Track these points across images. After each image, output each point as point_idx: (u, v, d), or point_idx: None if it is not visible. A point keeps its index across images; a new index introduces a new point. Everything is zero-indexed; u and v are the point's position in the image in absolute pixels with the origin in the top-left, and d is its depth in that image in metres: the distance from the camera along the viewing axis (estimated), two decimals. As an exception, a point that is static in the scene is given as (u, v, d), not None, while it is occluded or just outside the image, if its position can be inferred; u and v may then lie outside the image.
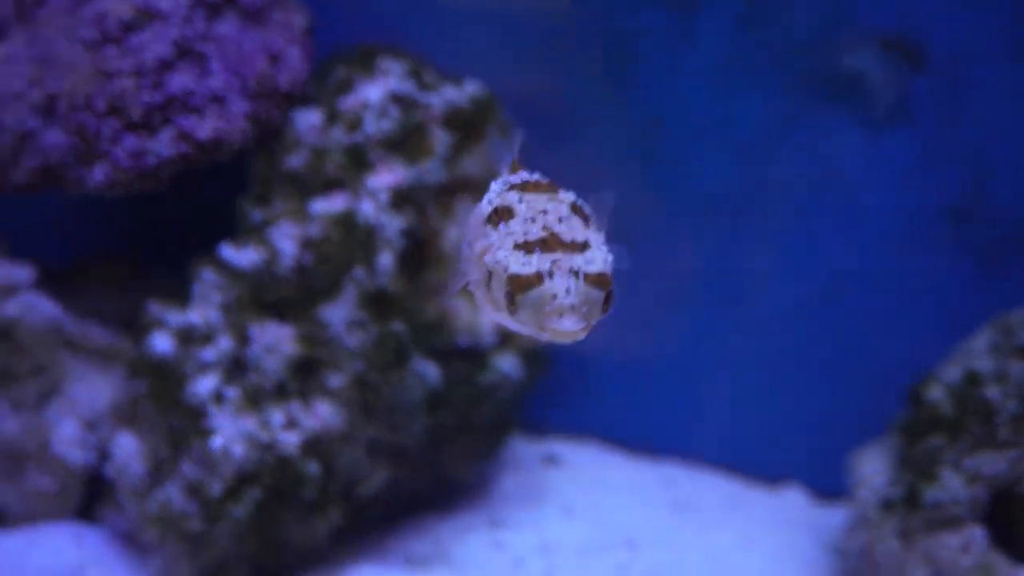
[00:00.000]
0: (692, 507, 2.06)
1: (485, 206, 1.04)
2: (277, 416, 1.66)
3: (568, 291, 0.87)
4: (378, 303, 1.71)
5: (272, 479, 1.64)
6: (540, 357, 1.96)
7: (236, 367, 1.70)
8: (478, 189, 1.75)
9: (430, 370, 1.75)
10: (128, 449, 1.73)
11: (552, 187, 1.02)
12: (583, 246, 0.92)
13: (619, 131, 2.17)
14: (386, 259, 1.70)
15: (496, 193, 1.04)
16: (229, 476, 1.60)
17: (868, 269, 2.06)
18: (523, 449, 2.25)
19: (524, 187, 1.03)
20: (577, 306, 0.87)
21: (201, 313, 1.72)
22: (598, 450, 2.29)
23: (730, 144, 2.07)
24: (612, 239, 1.14)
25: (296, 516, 1.70)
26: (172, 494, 1.61)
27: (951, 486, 1.58)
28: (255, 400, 1.67)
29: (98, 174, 1.71)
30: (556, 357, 2.11)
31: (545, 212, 0.97)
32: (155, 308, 1.74)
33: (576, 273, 0.87)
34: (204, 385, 1.66)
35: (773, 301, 2.14)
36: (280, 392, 1.69)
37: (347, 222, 1.71)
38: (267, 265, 1.74)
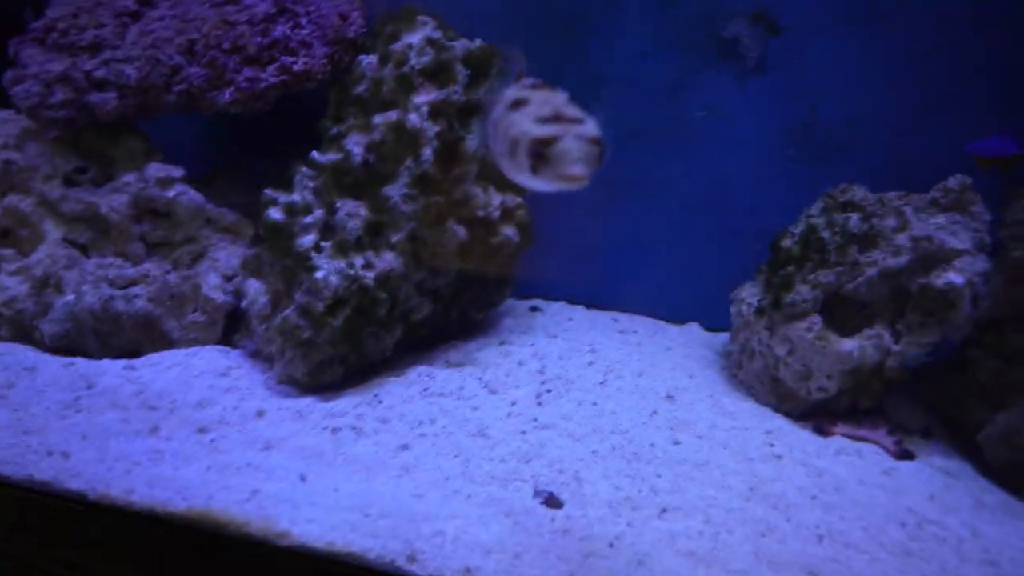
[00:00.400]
0: (631, 333, 2.10)
1: (506, 101, 1.01)
2: (359, 260, 1.63)
3: (577, 147, 0.89)
4: (423, 183, 1.68)
5: (357, 301, 1.61)
6: (529, 229, 1.94)
7: (327, 228, 1.66)
8: (482, 108, 1.74)
9: (460, 229, 1.73)
10: (256, 288, 1.72)
11: (552, 86, 1.02)
12: (581, 120, 0.92)
13: (568, 86, 2.14)
14: (427, 152, 1.66)
15: (513, 94, 1.02)
16: (328, 298, 1.57)
17: (743, 173, 2.06)
18: (516, 304, 2.25)
19: (533, 87, 1.02)
20: (583, 157, 0.90)
21: (300, 195, 1.68)
22: (565, 305, 2.31)
23: (649, 90, 2.06)
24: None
25: (373, 330, 1.67)
26: (288, 315, 1.60)
27: (801, 291, 1.62)
28: (343, 249, 1.64)
29: (226, 95, 1.68)
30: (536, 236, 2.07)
31: (549, 101, 0.96)
32: (269, 192, 1.69)
33: (580, 136, 0.89)
34: (307, 240, 1.63)
35: (680, 197, 2.14)
36: (359, 245, 1.65)
37: (399, 128, 1.67)
38: (344, 161, 1.70)
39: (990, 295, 1.49)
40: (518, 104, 0.99)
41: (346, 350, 1.64)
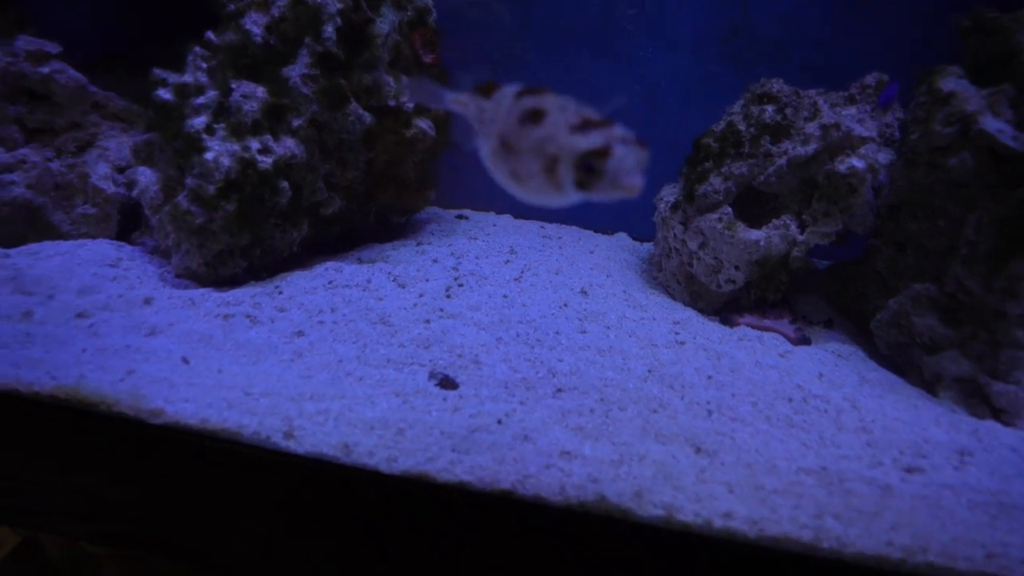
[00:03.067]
0: (555, 238, 2.01)
1: (507, 115, 0.82)
2: (254, 143, 1.46)
3: (630, 154, 0.70)
4: (325, 62, 1.51)
5: (253, 187, 1.45)
6: (446, 126, 1.78)
7: (222, 111, 1.47)
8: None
9: (365, 115, 1.56)
10: (148, 176, 1.53)
11: (546, 88, 0.81)
12: (611, 122, 0.74)
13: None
14: (329, 29, 1.49)
15: (503, 104, 0.83)
16: (220, 180, 1.41)
17: (676, 77, 1.96)
18: (442, 212, 2.14)
19: (531, 91, 0.82)
20: (638, 163, 0.71)
21: (192, 75, 1.49)
22: (493, 215, 2.19)
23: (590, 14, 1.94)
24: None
25: (274, 223, 1.52)
26: (180, 200, 1.44)
27: (714, 182, 1.54)
28: (238, 132, 1.46)
29: None
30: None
31: (564, 106, 0.77)
32: (159, 71, 1.49)
33: (625, 140, 0.71)
34: (198, 121, 1.44)
35: (612, 104, 2.02)
36: (256, 128, 1.47)
37: (298, 4, 1.48)
38: (242, 42, 1.50)
39: (891, 183, 1.42)
40: (535, 116, 0.79)
41: (247, 241, 1.49)
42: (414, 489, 1.02)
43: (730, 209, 1.52)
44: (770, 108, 1.51)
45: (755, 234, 1.48)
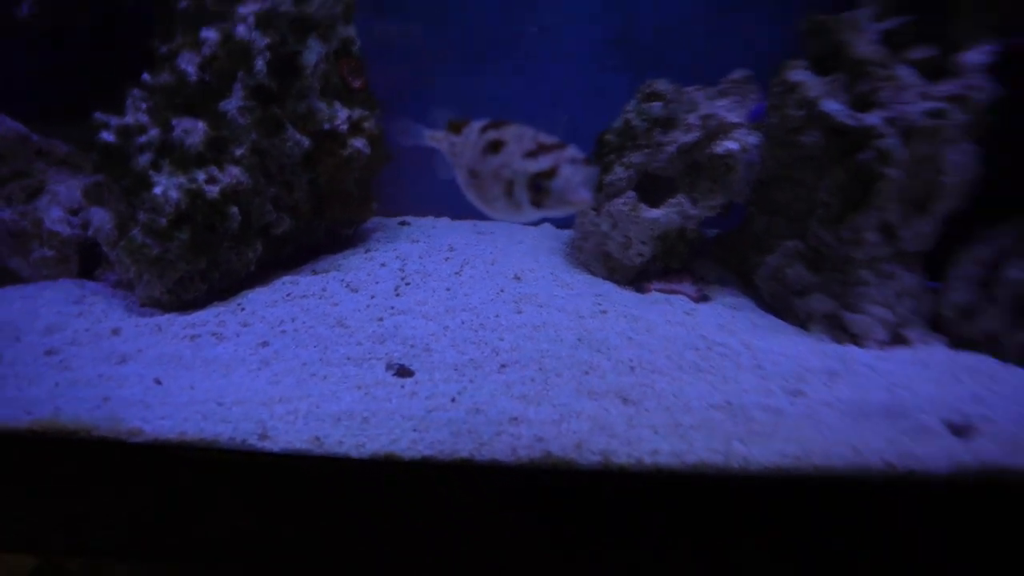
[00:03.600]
0: (488, 233, 2.02)
1: (473, 148, 0.84)
2: (200, 175, 1.41)
3: (576, 172, 0.73)
4: (259, 94, 1.46)
5: (203, 216, 1.41)
6: (380, 142, 1.75)
7: (165, 147, 1.41)
8: (321, 25, 1.50)
9: (304, 139, 1.53)
10: (101, 216, 1.45)
11: (507, 121, 0.84)
12: (564, 144, 0.77)
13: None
14: (260, 63, 1.44)
15: (470, 138, 0.86)
16: (171, 213, 1.37)
17: (577, 84, 1.99)
18: (386, 221, 2.11)
19: (494, 125, 0.85)
20: (584, 179, 0.74)
21: (133, 116, 1.42)
22: (433, 219, 2.18)
23: (489, 12, 1.93)
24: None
25: (229, 246, 1.47)
26: (135, 234, 1.38)
27: (617, 172, 1.60)
28: (183, 165, 1.40)
29: (24, 8, 1.37)
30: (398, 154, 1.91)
31: (521, 135, 0.79)
32: (99, 115, 1.41)
33: (573, 160, 0.74)
34: (144, 159, 1.38)
35: (522, 112, 1.88)
36: (200, 160, 1.42)
37: (228, 40, 1.43)
38: (177, 82, 1.43)
39: (761, 161, 1.50)
40: (495, 147, 0.81)
41: (204, 265, 1.44)
42: (383, 469, 1.02)
43: (633, 194, 1.58)
44: (657, 104, 1.57)
45: (655, 213, 1.55)
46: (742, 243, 1.63)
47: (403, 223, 2.10)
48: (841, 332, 1.40)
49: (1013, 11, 1.18)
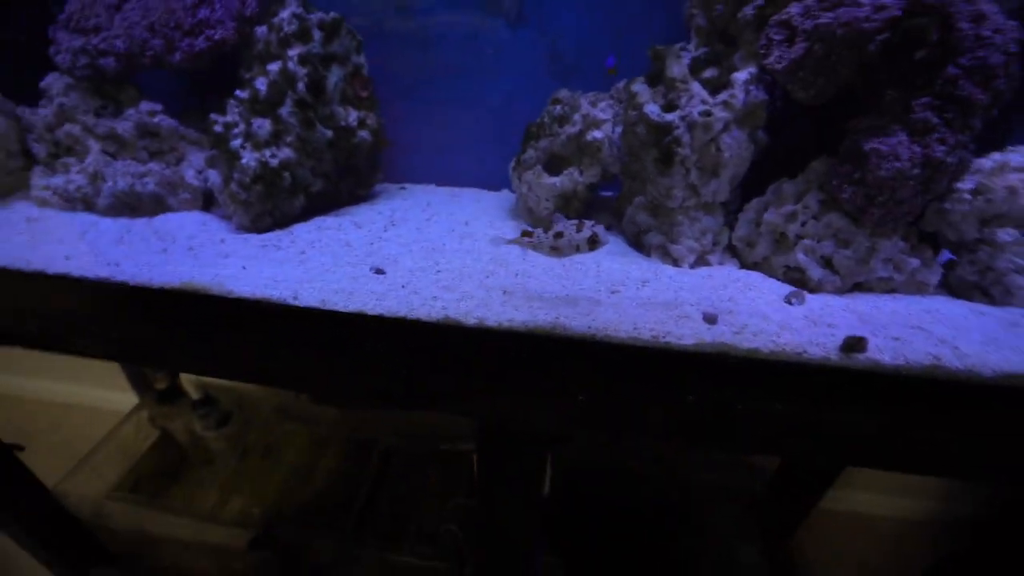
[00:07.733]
0: (458, 197, 2.60)
1: None
2: (267, 152, 1.92)
3: None
4: (301, 104, 2.05)
5: (269, 177, 1.92)
6: (380, 133, 2.35)
7: (248, 135, 1.93)
8: (340, 57, 2.11)
9: (328, 132, 2.13)
10: (214, 175, 2.14)
11: None
12: None
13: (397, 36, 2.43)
14: (301, 86, 2.03)
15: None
16: (251, 175, 1.89)
17: (523, 90, 2.42)
18: (390, 186, 2.75)
19: None
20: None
21: (232, 116, 2.03)
22: (424, 185, 2.79)
23: (456, 39, 2.39)
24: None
25: (284, 197, 2.05)
26: (232, 187, 2.03)
27: (530, 152, 2.01)
28: (257, 146, 1.92)
29: (176, 57, 2.05)
30: (396, 140, 2.49)
31: None
32: (213, 115, 2.06)
33: None
34: (236, 142, 1.90)
35: (486, 110, 2.47)
36: (267, 144, 1.98)
37: (284, 71, 2.03)
38: (254, 95, 2.07)
39: (621, 144, 2.12)
40: None
41: (270, 208, 1.97)
42: (357, 320, 1.45)
43: (541, 168, 2.04)
44: (557, 107, 2.18)
45: (553, 180, 2.18)
46: (620, 200, 2.26)
47: (402, 187, 2.77)
48: (668, 258, 2.01)
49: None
